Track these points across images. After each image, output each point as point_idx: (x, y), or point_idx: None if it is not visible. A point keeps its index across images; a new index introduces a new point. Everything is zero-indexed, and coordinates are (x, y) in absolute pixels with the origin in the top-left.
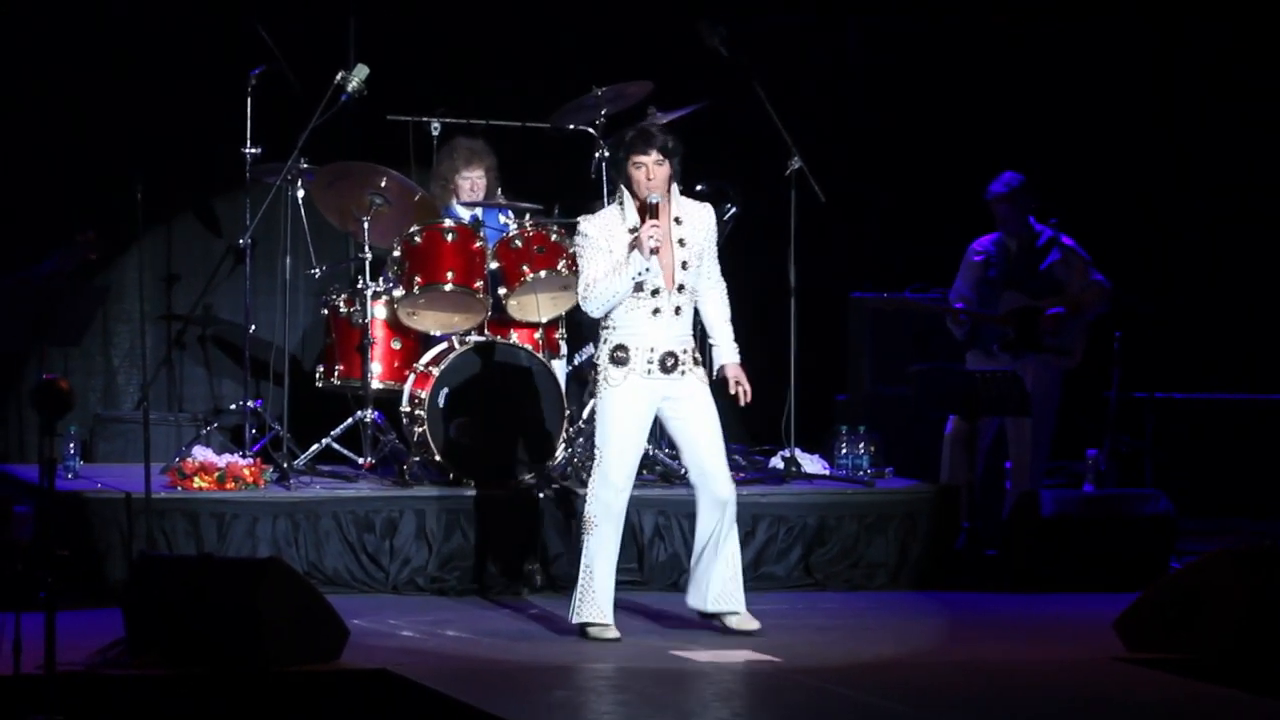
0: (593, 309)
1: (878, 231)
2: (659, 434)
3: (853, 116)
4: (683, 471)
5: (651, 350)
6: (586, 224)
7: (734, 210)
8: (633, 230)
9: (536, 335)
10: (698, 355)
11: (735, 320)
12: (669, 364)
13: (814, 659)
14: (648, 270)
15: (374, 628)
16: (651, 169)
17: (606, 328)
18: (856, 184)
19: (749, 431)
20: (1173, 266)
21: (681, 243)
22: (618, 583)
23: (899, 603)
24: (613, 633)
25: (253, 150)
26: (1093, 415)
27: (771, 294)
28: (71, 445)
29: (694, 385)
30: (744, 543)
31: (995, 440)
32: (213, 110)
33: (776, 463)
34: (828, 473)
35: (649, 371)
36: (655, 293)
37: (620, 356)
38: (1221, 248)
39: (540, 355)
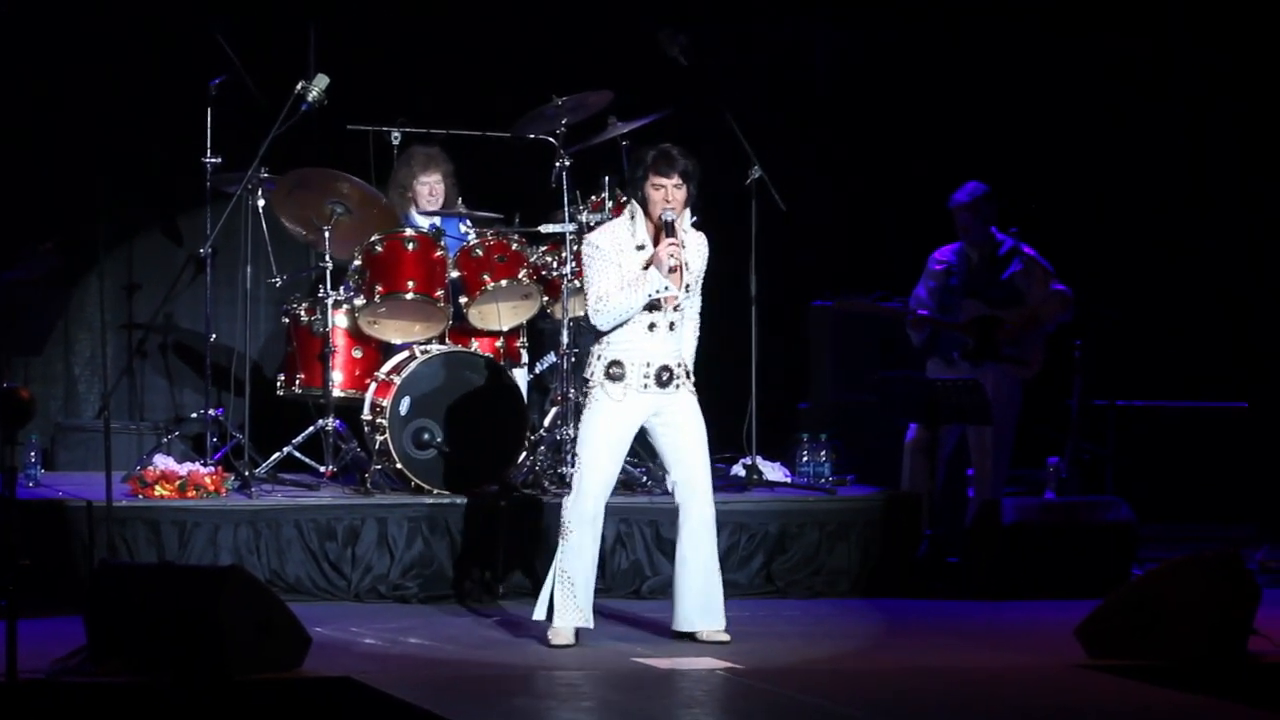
0: (604, 323)
1: (839, 240)
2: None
3: (814, 125)
4: (644, 480)
5: (648, 365)
6: (597, 236)
7: (694, 219)
8: (640, 248)
9: (498, 344)
10: (689, 370)
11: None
12: (664, 378)
13: (775, 666)
14: (667, 289)
15: (336, 636)
16: (671, 192)
17: (600, 343)
18: (818, 193)
19: (711, 440)
20: (1133, 274)
21: (686, 266)
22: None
23: (860, 610)
24: (567, 639)
25: (213, 160)
26: (1054, 423)
27: (733, 302)
28: (32, 454)
29: (685, 399)
30: None
31: (957, 448)
32: (173, 120)
33: (738, 470)
34: (789, 480)
35: (645, 386)
36: (653, 308)
37: (616, 373)
38: (1182, 255)
39: (501, 364)
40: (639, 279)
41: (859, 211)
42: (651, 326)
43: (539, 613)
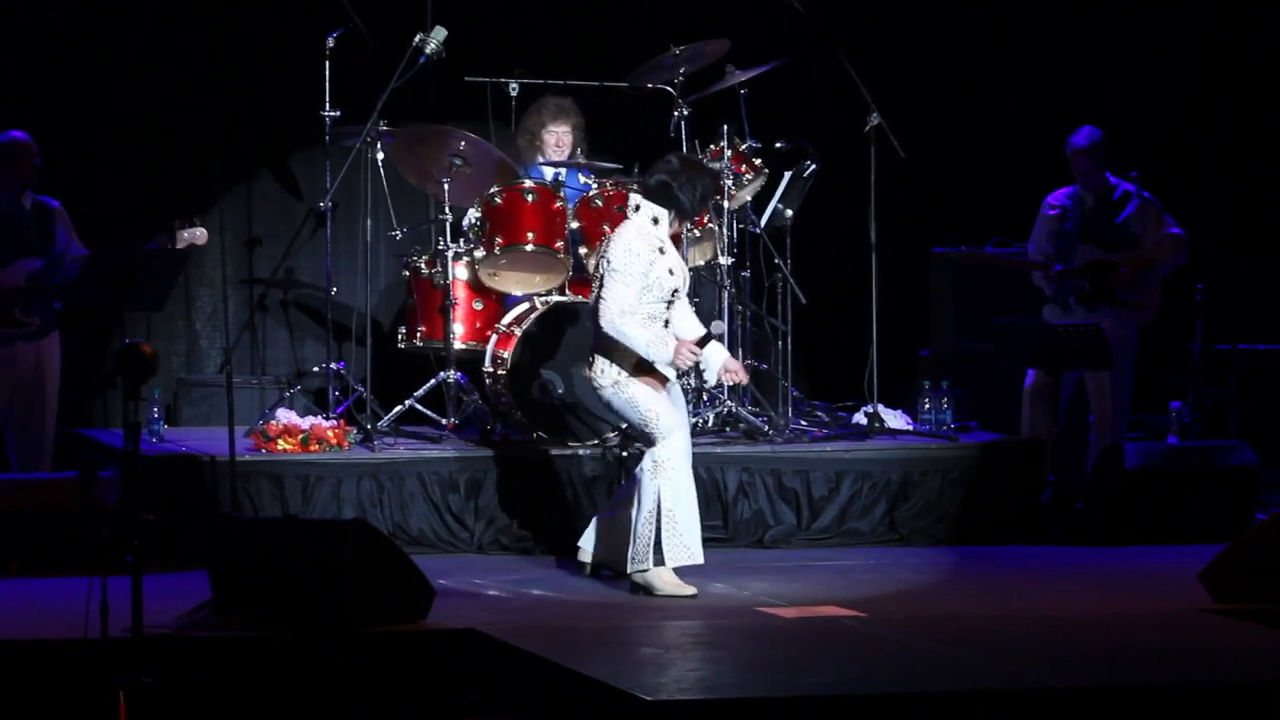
0: (611, 331)
1: (958, 186)
2: (742, 392)
3: (932, 70)
4: (766, 430)
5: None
6: (636, 241)
7: (813, 167)
8: (661, 251)
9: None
10: None
11: (819, 277)
12: (675, 375)
13: (899, 613)
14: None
15: (460, 588)
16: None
17: (620, 347)
18: (937, 139)
19: (832, 388)
20: (1255, 217)
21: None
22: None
23: (983, 557)
24: (690, 589)
25: (332, 113)
26: (1176, 368)
27: (852, 250)
28: (155, 409)
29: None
30: (828, 498)
31: (1077, 393)
32: (291, 74)
33: (860, 419)
34: (911, 428)
35: (664, 381)
36: (668, 305)
37: (645, 366)
38: None
39: None
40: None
41: (977, 157)
42: (666, 324)
43: (642, 564)
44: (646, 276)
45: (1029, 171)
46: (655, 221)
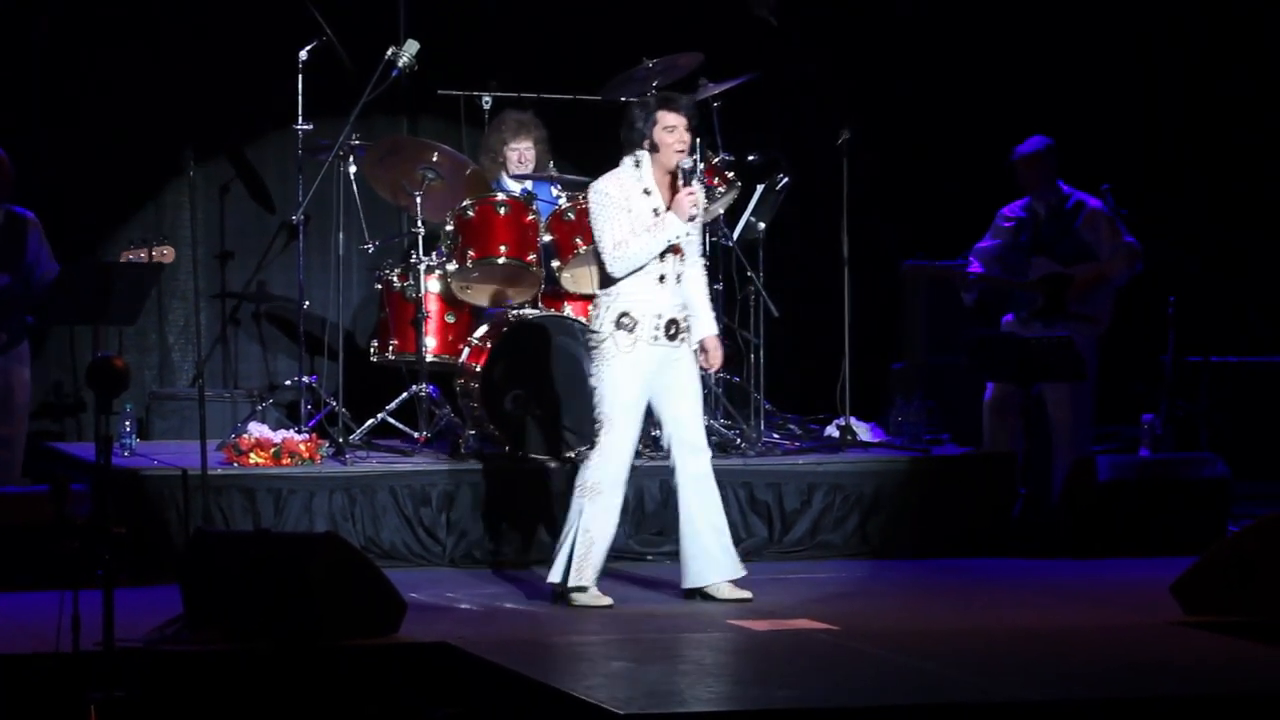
0: (620, 269)
1: (930, 199)
2: (714, 405)
3: (905, 83)
4: (739, 443)
5: (658, 317)
6: (604, 183)
7: (785, 180)
8: (646, 193)
9: (590, 307)
10: (689, 323)
11: (791, 290)
12: (672, 331)
13: (872, 626)
14: (688, 235)
15: (432, 601)
16: (682, 132)
17: (608, 294)
18: (909, 152)
19: (804, 401)
20: (1227, 229)
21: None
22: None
23: (956, 569)
24: (606, 599)
25: (305, 127)
26: (1148, 380)
27: (825, 263)
28: (127, 423)
29: (687, 353)
30: (800, 511)
31: (1040, 406)
32: (264, 87)
33: (832, 431)
34: (883, 441)
35: (655, 339)
36: (663, 257)
37: (626, 323)
38: (1277, 208)
39: None
40: (657, 224)
41: (949, 170)
42: (661, 278)
43: (555, 575)
44: (630, 214)
45: (1001, 184)
46: (637, 164)
